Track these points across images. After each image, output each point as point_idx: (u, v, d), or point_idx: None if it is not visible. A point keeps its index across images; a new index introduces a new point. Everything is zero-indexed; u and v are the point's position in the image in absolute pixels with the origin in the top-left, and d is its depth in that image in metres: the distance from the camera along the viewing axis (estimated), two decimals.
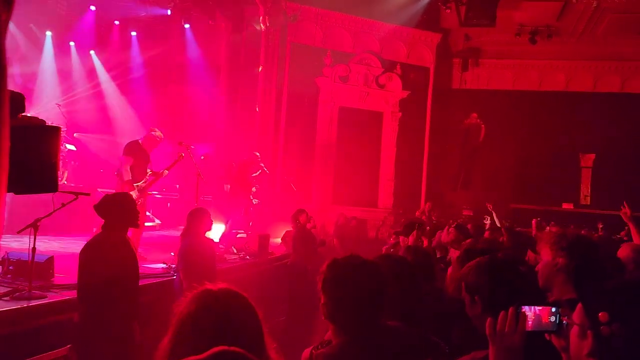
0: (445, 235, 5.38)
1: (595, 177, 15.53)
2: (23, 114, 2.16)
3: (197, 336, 1.51)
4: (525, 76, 16.10)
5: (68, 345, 4.09)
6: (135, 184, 7.07)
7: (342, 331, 2.05)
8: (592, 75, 15.74)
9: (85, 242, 4.18)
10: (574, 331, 1.39)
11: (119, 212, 4.17)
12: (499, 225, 6.85)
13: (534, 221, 6.56)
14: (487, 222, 9.81)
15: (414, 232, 5.08)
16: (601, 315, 1.29)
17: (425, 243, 5.47)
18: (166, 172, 7.39)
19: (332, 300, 2.06)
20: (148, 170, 7.31)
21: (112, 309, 3.85)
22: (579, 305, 1.39)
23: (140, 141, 7.40)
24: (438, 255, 5.25)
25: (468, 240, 4.01)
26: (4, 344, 3.90)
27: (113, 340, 3.85)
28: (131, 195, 4.38)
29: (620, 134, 14.81)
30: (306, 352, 2.20)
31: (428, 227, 7.10)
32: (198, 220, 5.32)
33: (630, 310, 1.28)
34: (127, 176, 7.04)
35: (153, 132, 7.48)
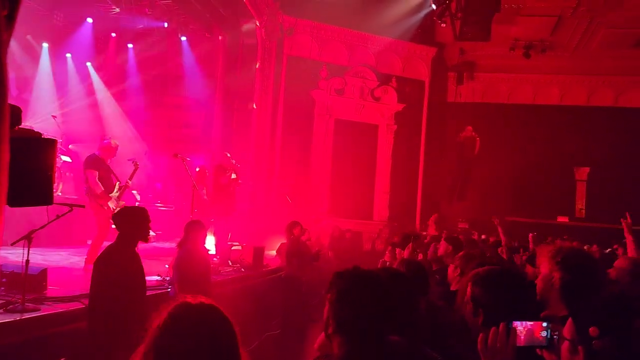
0: (442, 248, 5.37)
1: (590, 190, 15.61)
2: (19, 126, 2.16)
3: (171, 348, 1.50)
4: (519, 90, 16.22)
5: (62, 358, 4.06)
6: (110, 194, 7.07)
7: (348, 343, 2.03)
8: (586, 89, 15.88)
9: (89, 251, 4.28)
10: (565, 346, 1.40)
11: (134, 224, 4.32)
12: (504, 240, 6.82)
13: (530, 235, 6.54)
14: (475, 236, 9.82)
15: (410, 245, 5.08)
16: (592, 330, 1.30)
17: (421, 256, 5.47)
18: (130, 182, 7.41)
19: (345, 310, 2.03)
20: (114, 179, 7.28)
21: (122, 317, 3.96)
22: (569, 320, 1.40)
23: (97, 153, 7.36)
24: (434, 268, 5.25)
25: (461, 253, 4.01)
26: None
27: (121, 349, 3.92)
28: (146, 209, 4.46)
29: (614, 148, 14.92)
30: None
31: (425, 240, 7.11)
32: (194, 233, 5.33)
33: (620, 324, 1.29)
34: (99, 189, 7.01)
35: (108, 141, 7.44)
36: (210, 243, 8.12)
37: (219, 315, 1.59)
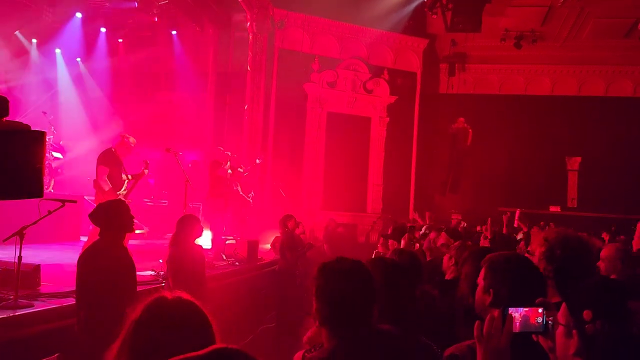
0: (442, 239, 5.39)
1: (581, 180, 15.70)
2: (7, 118, 2.14)
3: (145, 343, 1.47)
4: (511, 81, 16.26)
5: (56, 354, 4.05)
6: (117, 192, 7.05)
7: (334, 335, 2.04)
8: (577, 79, 15.94)
9: (84, 249, 4.19)
10: (560, 331, 1.41)
11: (113, 218, 4.17)
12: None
13: (517, 212, 6.55)
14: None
15: (406, 236, 5.09)
16: (585, 313, 1.30)
17: (417, 246, 5.49)
18: (146, 171, 7.36)
19: (325, 303, 2.05)
20: (124, 177, 7.27)
21: (111, 314, 3.88)
22: (563, 305, 1.40)
23: (113, 149, 7.33)
24: (428, 258, 5.27)
25: (457, 243, 4.02)
26: None
27: (111, 345, 3.87)
28: (124, 201, 4.40)
29: (605, 137, 15.02)
30: (298, 356, 2.20)
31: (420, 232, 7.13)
32: (187, 227, 5.30)
33: (613, 307, 1.30)
34: (107, 186, 6.99)
35: (126, 139, 7.41)
36: (206, 237, 8.10)
37: (194, 310, 1.57)
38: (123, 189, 7.13)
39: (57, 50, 13.07)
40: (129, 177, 7.27)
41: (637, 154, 14.84)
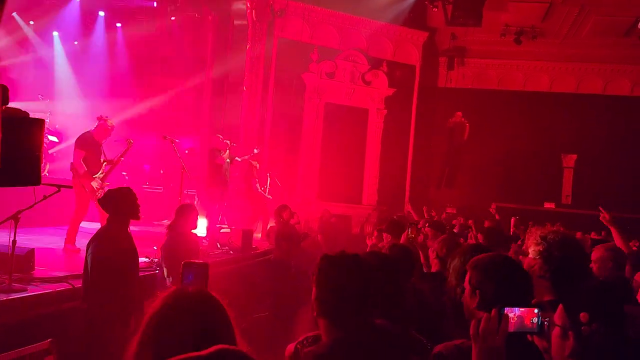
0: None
1: (576, 177, 15.75)
2: (6, 105, 2.13)
3: (167, 338, 1.46)
4: (510, 76, 16.25)
5: (49, 339, 4.04)
6: (94, 176, 7.06)
7: (335, 328, 2.05)
8: (575, 77, 15.94)
9: (93, 235, 4.38)
10: (556, 332, 1.42)
11: (122, 205, 4.39)
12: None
13: (512, 220, 6.65)
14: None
15: (407, 231, 5.10)
16: (582, 315, 1.31)
17: (421, 239, 5.50)
18: (121, 158, 7.36)
19: (327, 296, 2.06)
20: (102, 160, 7.28)
21: (114, 298, 4.06)
22: (560, 307, 1.41)
23: (92, 132, 7.32)
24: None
25: (444, 236, 4.03)
26: None
27: (116, 327, 4.05)
28: (132, 190, 4.50)
29: (601, 135, 15.06)
30: (291, 347, 2.21)
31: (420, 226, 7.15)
32: (185, 216, 5.36)
33: (610, 310, 1.31)
34: (82, 169, 7.02)
35: (104, 122, 7.39)
36: (201, 226, 8.10)
37: (214, 303, 1.56)
38: (100, 172, 7.15)
39: (55, 33, 12.95)
40: (104, 162, 7.28)
41: (633, 153, 14.90)
